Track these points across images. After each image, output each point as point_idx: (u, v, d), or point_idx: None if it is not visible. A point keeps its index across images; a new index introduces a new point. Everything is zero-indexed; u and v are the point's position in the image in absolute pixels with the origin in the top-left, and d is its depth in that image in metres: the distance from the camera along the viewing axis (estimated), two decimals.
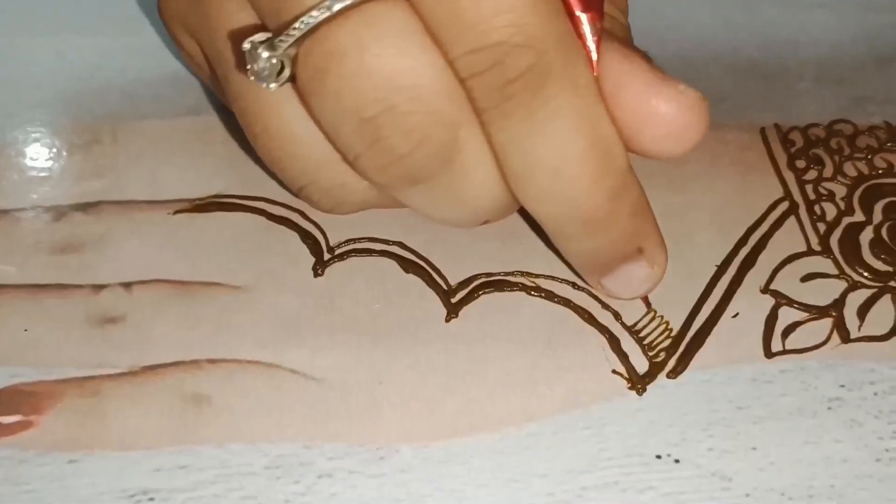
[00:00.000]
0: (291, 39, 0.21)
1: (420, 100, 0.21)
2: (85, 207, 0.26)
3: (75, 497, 0.22)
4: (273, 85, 0.22)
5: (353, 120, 0.21)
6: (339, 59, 0.20)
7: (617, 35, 0.23)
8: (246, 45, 0.21)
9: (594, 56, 0.21)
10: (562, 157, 0.21)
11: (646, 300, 0.25)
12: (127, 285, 0.25)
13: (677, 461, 0.23)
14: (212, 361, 0.24)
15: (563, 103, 0.21)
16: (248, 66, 0.21)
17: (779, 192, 0.28)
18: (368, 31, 0.20)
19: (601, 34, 0.21)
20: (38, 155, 0.27)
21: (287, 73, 0.21)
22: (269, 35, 0.21)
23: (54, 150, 0.28)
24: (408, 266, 0.25)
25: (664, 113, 0.22)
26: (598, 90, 0.22)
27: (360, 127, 0.21)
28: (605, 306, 0.25)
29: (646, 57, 0.22)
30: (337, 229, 0.26)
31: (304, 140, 0.23)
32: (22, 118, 0.28)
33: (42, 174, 0.27)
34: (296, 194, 0.25)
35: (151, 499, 0.22)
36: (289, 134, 0.23)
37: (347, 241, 0.26)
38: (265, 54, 0.21)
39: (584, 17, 0.21)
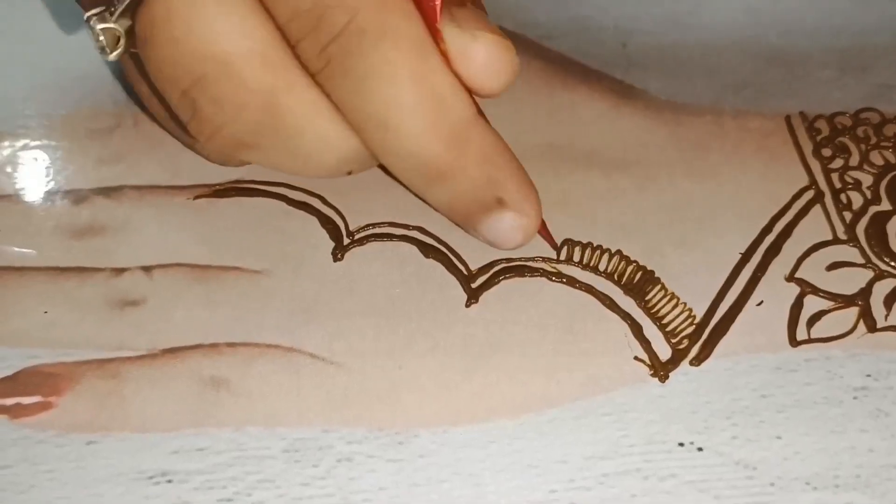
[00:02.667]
0: (119, 9, 0.21)
1: (230, 69, 0.21)
2: (106, 192, 0.26)
3: (93, 477, 0.22)
4: (112, 55, 0.22)
5: (175, 91, 0.22)
6: (158, 28, 0.21)
7: None
8: (85, 18, 0.22)
9: (438, 7, 0.22)
10: (387, 111, 0.22)
11: (551, 242, 0.25)
12: (147, 269, 0.25)
13: (700, 449, 0.22)
14: (231, 345, 0.24)
15: (380, 59, 0.21)
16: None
17: (804, 181, 0.27)
18: (184, 1, 0.21)
19: None
20: (60, 139, 0.27)
21: (122, 43, 0.22)
22: (102, 8, 0.22)
23: (75, 134, 0.28)
24: (428, 251, 0.25)
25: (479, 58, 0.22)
26: (433, 42, 0.22)
27: (182, 98, 0.22)
28: (627, 292, 0.25)
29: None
30: (357, 214, 0.26)
31: None
32: (43, 103, 0.28)
33: (63, 159, 0.27)
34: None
35: (169, 480, 0.22)
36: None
37: (367, 226, 0.26)
38: (98, 26, 0.22)
39: None
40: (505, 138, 0.27)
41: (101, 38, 0.22)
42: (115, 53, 0.23)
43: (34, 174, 0.27)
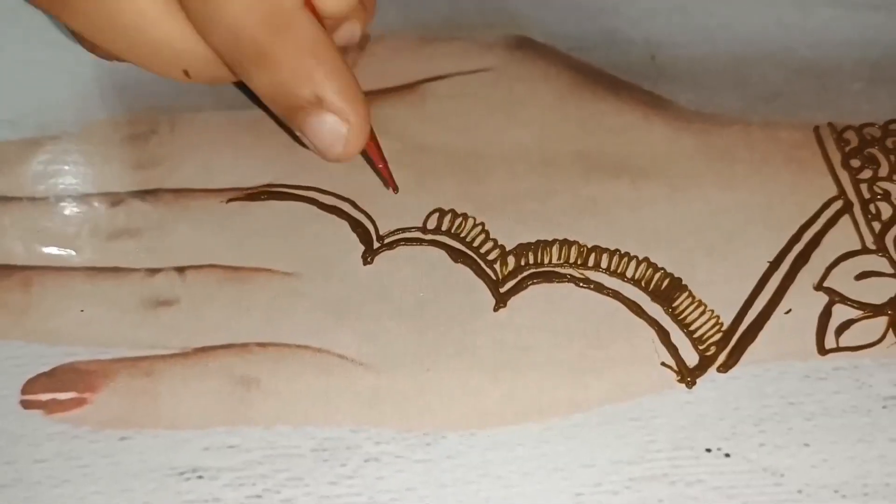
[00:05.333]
0: None
1: None
2: (142, 195, 0.27)
3: (126, 472, 0.22)
4: None
5: None
6: None
7: None
8: None
9: None
10: None
11: (386, 172, 0.26)
12: (181, 270, 0.25)
13: (728, 455, 0.22)
14: (261, 345, 0.24)
15: None
16: None
17: (832, 191, 0.27)
18: None
19: None
20: (98, 144, 0.28)
21: None
22: None
23: (113, 140, 0.28)
24: (457, 256, 0.26)
25: None
26: None
27: None
28: (654, 298, 0.25)
29: None
30: (387, 218, 0.26)
31: None
32: (83, 109, 0.29)
33: (101, 163, 0.28)
34: None
35: (200, 476, 0.22)
36: None
37: (397, 231, 0.26)
38: None
39: None
40: (533, 145, 0.28)
41: None
42: None
43: (73, 178, 0.27)
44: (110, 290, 0.25)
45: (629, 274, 0.25)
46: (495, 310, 0.25)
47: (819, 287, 0.25)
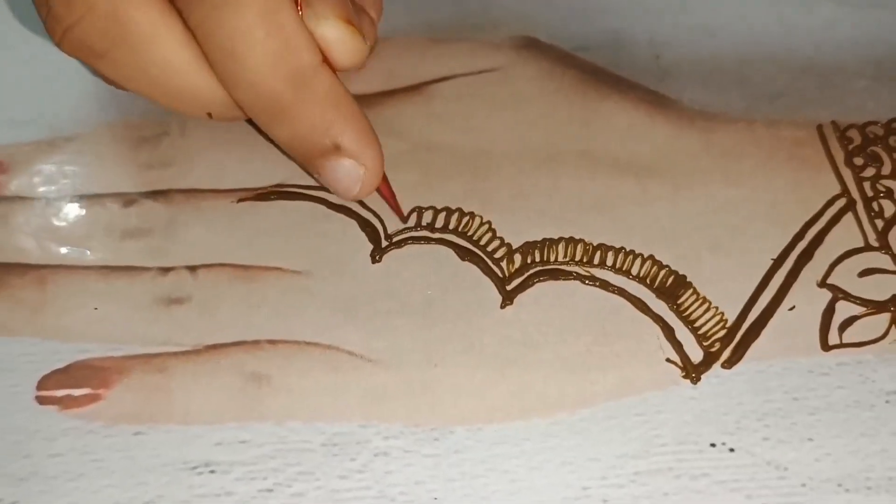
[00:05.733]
0: None
1: None
2: (154, 195, 0.27)
3: (140, 467, 0.22)
4: None
5: None
6: None
7: None
8: None
9: None
10: (234, 40, 0.23)
11: (395, 206, 0.26)
12: (192, 268, 0.26)
13: (732, 450, 0.23)
14: (272, 342, 0.24)
15: None
16: None
17: (836, 189, 0.27)
18: None
19: None
20: (111, 145, 0.29)
21: None
22: None
23: (126, 141, 0.29)
24: (464, 254, 0.26)
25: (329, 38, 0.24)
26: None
27: None
28: (659, 295, 0.25)
29: None
30: (395, 218, 0.27)
31: None
32: (96, 111, 0.29)
33: (114, 163, 0.28)
34: None
35: (213, 471, 0.22)
36: None
37: (405, 230, 0.26)
38: None
39: None
40: (539, 144, 0.28)
41: None
42: None
43: (86, 178, 0.28)
44: (123, 289, 0.25)
45: (634, 271, 0.26)
46: (502, 307, 0.25)
47: (822, 284, 0.25)
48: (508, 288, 0.25)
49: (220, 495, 0.22)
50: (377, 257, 0.26)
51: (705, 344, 0.24)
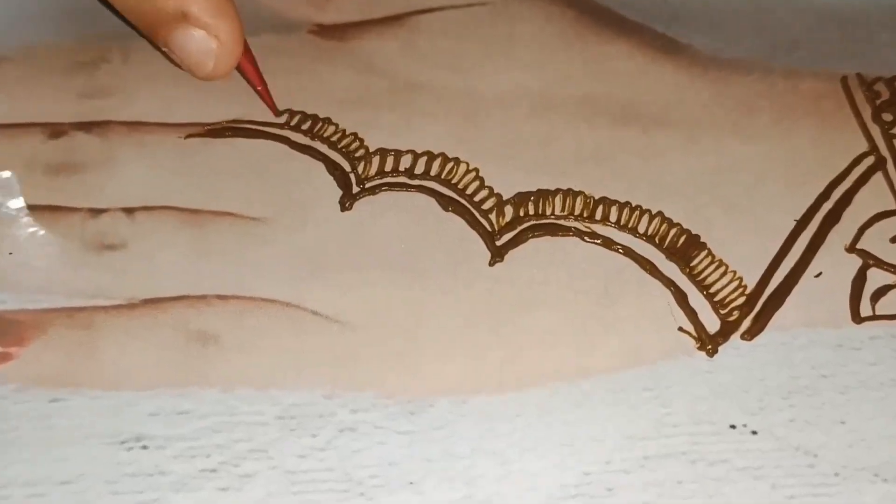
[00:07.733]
0: None
1: None
2: (88, 126, 0.24)
3: (57, 439, 0.19)
4: None
5: None
6: None
7: None
8: None
9: None
10: None
11: (264, 92, 0.24)
12: (129, 211, 0.22)
13: (755, 432, 0.20)
14: (222, 297, 0.21)
15: None
16: None
17: (863, 146, 0.25)
18: None
19: None
20: (39, 69, 0.25)
21: None
22: None
23: (57, 65, 0.25)
24: (447, 203, 0.23)
25: None
26: None
27: None
28: (670, 256, 0.22)
29: None
30: (368, 160, 0.23)
31: None
32: (26, 31, 0.26)
33: (42, 90, 0.24)
34: None
35: (145, 446, 0.19)
36: None
37: (380, 174, 0.23)
38: None
39: None
40: (534, 88, 0.25)
41: None
42: None
43: (7, 105, 0.24)
44: (45, 231, 0.22)
45: (641, 229, 0.23)
46: (491, 264, 0.22)
47: (851, 249, 0.23)
48: (498, 243, 0.22)
49: (154, 475, 0.18)
50: (347, 204, 0.23)
51: (722, 312, 0.21)
